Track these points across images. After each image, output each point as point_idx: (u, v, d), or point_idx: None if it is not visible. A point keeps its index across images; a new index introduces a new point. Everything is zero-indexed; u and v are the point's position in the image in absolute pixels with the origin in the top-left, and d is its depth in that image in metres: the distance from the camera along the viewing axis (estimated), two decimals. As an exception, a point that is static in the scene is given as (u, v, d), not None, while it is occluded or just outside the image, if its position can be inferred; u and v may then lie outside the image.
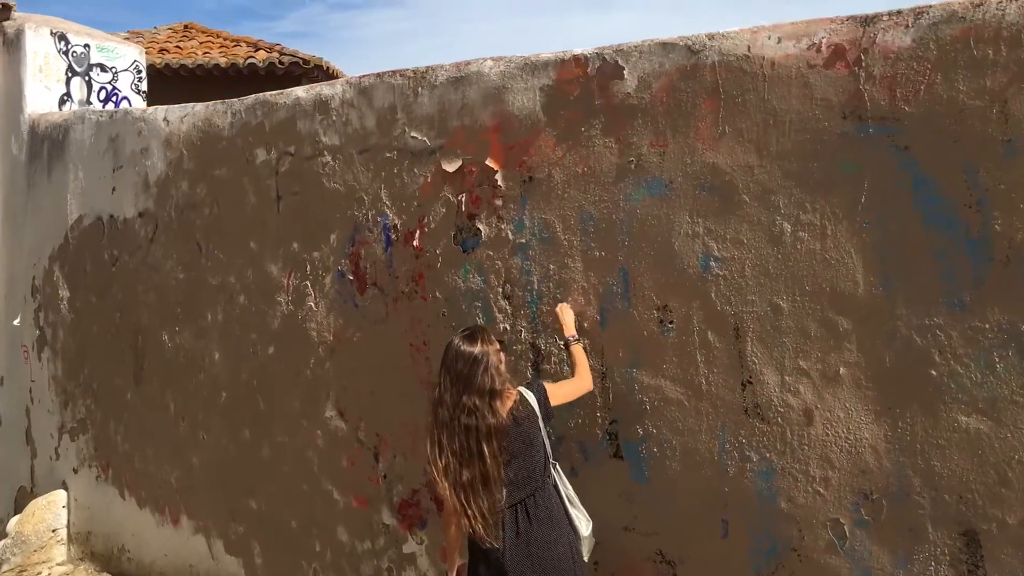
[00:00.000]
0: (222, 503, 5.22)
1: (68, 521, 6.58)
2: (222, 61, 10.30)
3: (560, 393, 3.20)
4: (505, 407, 3.01)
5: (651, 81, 3.22)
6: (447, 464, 3.00)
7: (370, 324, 4.27)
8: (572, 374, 3.32)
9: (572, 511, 3.13)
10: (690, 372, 3.15)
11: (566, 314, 3.39)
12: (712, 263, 3.07)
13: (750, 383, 3.00)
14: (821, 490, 2.86)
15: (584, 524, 3.13)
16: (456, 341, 3.11)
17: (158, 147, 5.50)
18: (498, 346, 3.14)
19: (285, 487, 4.80)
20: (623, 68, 3.29)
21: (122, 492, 6.05)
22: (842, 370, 2.81)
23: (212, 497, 5.30)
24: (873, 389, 2.76)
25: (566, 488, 3.18)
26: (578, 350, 3.32)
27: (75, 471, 6.47)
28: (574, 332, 3.36)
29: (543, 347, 3.60)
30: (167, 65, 10.19)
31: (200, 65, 10.19)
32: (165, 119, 5.46)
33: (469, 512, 2.93)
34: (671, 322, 3.20)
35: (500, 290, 3.72)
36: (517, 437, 3.01)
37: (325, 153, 4.42)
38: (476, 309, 3.82)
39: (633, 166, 3.27)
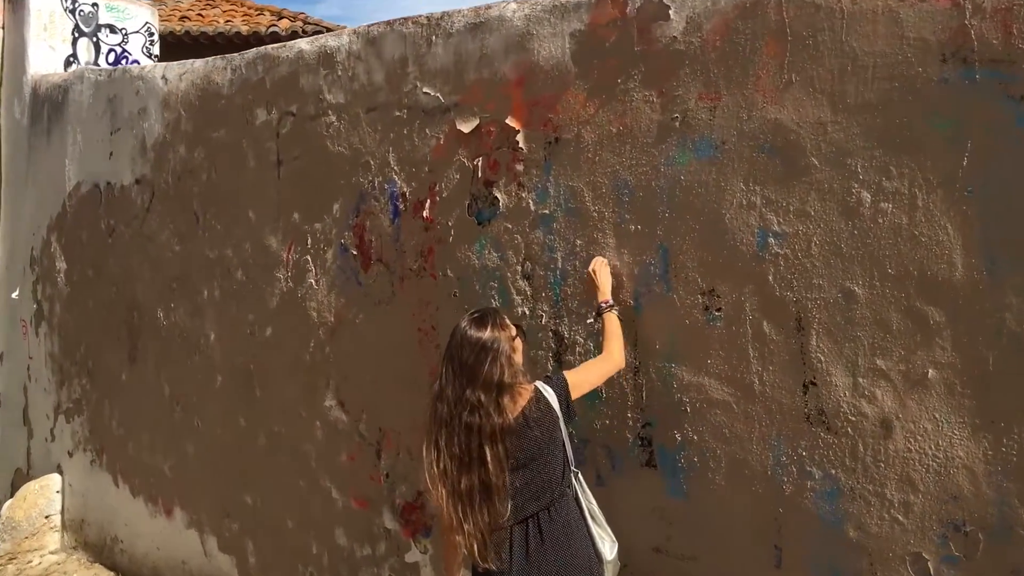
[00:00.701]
0: (216, 497, 4.82)
1: (63, 507, 6.21)
2: (243, 29, 9.87)
3: (585, 380, 2.71)
4: (516, 404, 2.53)
5: (702, 22, 2.70)
6: (444, 469, 2.54)
7: (374, 304, 3.81)
8: (603, 345, 2.82)
9: (595, 529, 2.64)
10: (740, 369, 2.65)
11: (602, 273, 2.89)
12: (771, 240, 2.56)
13: (814, 384, 2.49)
14: (900, 517, 2.35)
15: (608, 546, 2.64)
16: (463, 325, 2.63)
17: (156, 108, 5.07)
18: (513, 332, 2.66)
19: (281, 482, 4.37)
20: (668, 7, 2.78)
21: (116, 479, 5.67)
22: (931, 372, 2.28)
23: (206, 489, 4.90)
24: (971, 397, 2.24)
25: (589, 502, 2.69)
26: (612, 320, 2.83)
27: (70, 454, 6.11)
28: (609, 297, 2.86)
29: (567, 335, 3.11)
30: (187, 33, 9.78)
31: (221, 33, 9.77)
32: (164, 77, 5.02)
33: (466, 527, 2.47)
34: (719, 309, 2.69)
35: (519, 268, 3.23)
36: (530, 440, 2.52)
37: (329, 112, 3.95)
38: (491, 290, 3.34)
39: (678, 124, 2.76)
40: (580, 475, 2.72)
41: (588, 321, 2.99)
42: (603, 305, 2.83)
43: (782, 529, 2.58)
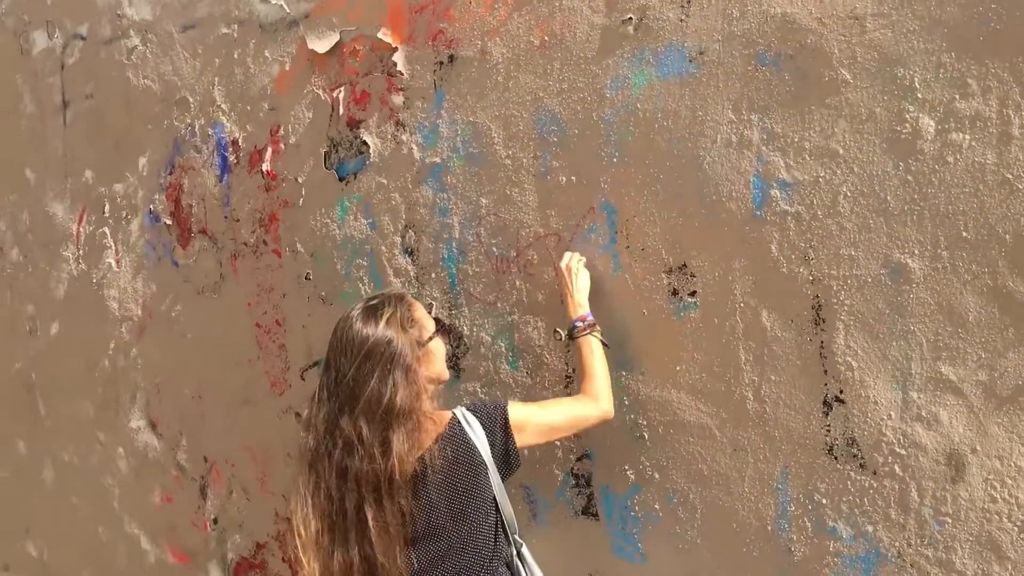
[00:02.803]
0: (-11, 544, 3.71)
1: None
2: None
3: (544, 420, 1.81)
4: (417, 443, 1.64)
5: None
6: (317, 533, 1.62)
7: (196, 292, 2.89)
8: (579, 386, 1.93)
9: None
10: (726, 379, 1.85)
11: (580, 275, 1.98)
12: (775, 192, 1.76)
13: (840, 402, 1.72)
14: (976, 597, 1.60)
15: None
16: (350, 315, 1.73)
17: (-97, 36, 3.86)
18: (425, 332, 1.74)
19: (75, 527, 3.36)
20: None
21: None
22: (1031, 384, 1.54)
23: (-23, 535, 3.78)
24: (1098, 421, 1.51)
25: None
26: (592, 347, 1.91)
27: None
28: (587, 312, 1.96)
29: (467, 331, 2.24)
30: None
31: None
32: (-87, -5, 3.82)
33: None
34: (693, 294, 1.88)
35: (398, 240, 2.35)
36: (435, 499, 1.64)
37: (131, 33, 2.98)
38: (359, 270, 2.44)
39: (632, 29, 1.93)
40: (524, 549, 1.84)
41: (557, 337, 2.11)
42: (578, 323, 1.92)
43: (790, 609, 1.80)
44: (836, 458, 1.73)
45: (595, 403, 1.84)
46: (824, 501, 1.75)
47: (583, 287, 1.95)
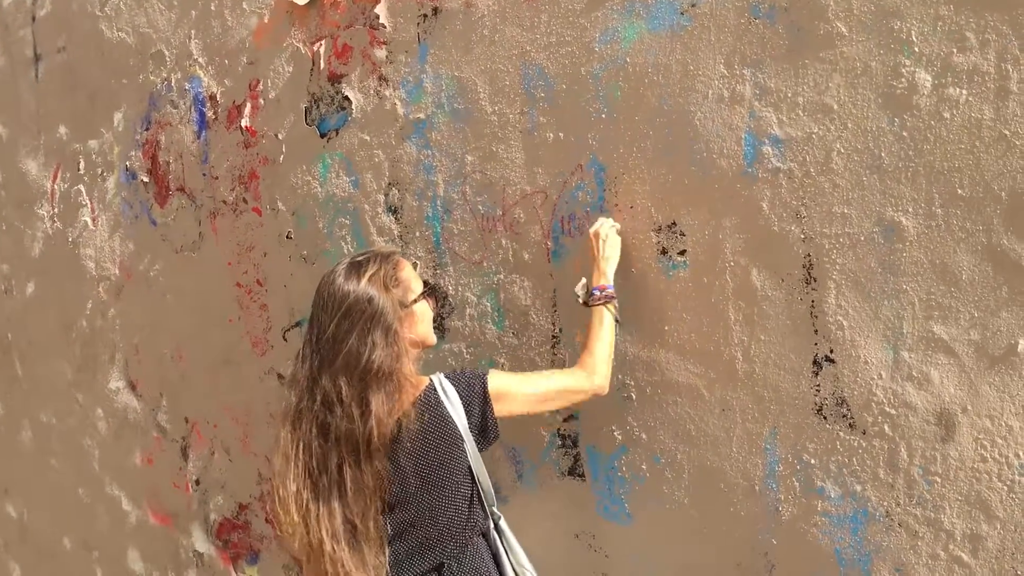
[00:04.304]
0: (-32, 506, 3.68)
1: None
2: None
3: (527, 391, 1.76)
4: (395, 406, 1.61)
5: None
6: (298, 491, 1.60)
7: (174, 251, 2.83)
8: (579, 355, 1.90)
9: (522, 596, 1.77)
10: (715, 339, 1.83)
11: (609, 244, 1.89)
12: (767, 148, 1.73)
13: (830, 361, 1.70)
14: (964, 556, 1.60)
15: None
16: (334, 271, 1.69)
17: None
18: (408, 293, 1.69)
19: (53, 489, 3.33)
20: None
21: None
22: (1023, 344, 1.52)
23: (-45, 497, 3.74)
24: (1090, 381, 1.50)
25: (518, 563, 1.80)
26: (604, 318, 1.85)
27: None
28: (610, 282, 1.88)
29: (452, 292, 2.20)
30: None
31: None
32: None
33: None
34: (682, 253, 1.85)
35: (381, 198, 2.30)
36: (407, 464, 1.62)
37: (105, -17, 2.85)
38: (341, 229, 2.39)
39: (622, -21, 1.88)
40: (503, 522, 1.82)
41: (576, 288, 1.95)
42: (595, 292, 1.85)
43: (776, 570, 1.80)
44: (825, 418, 1.72)
45: (588, 377, 1.78)
46: (813, 461, 1.74)
47: (610, 255, 1.86)
